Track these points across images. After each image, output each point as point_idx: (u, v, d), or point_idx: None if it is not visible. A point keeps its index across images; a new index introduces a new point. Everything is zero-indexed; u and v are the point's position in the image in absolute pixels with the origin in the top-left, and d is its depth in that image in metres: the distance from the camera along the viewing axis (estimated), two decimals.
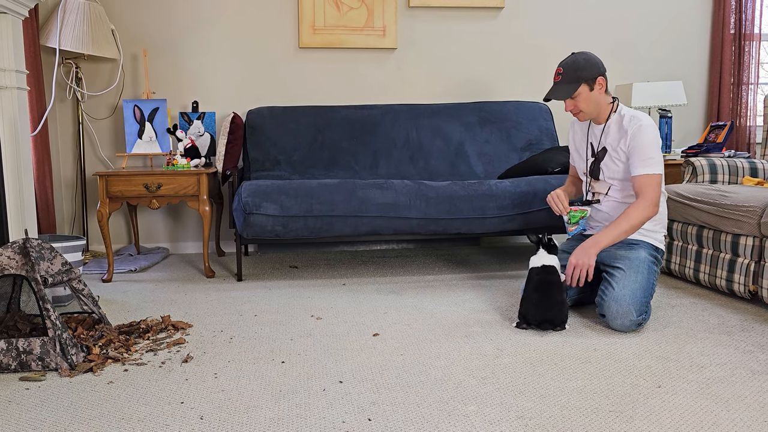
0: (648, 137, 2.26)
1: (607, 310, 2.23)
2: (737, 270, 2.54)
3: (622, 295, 2.21)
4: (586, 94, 2.33)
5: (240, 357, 1.99)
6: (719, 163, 3.15)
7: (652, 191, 2.25)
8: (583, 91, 2.33)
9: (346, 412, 1.58)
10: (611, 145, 2.37)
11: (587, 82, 2.32)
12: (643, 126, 2.27)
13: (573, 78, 2.32)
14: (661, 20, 4.10)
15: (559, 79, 2.36)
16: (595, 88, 2.34)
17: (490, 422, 1.52)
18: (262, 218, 2.83)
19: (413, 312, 2.48)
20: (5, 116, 2.54)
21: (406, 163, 3.59)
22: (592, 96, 2.34)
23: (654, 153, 2.26)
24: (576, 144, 2.58)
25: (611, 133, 2.38)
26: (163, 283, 3.03)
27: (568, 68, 2.34)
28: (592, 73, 2.32)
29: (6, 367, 1.87)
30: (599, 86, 2.34)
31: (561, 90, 2.35)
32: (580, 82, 2.32)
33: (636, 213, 2.24)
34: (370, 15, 3.79)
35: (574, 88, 2.32)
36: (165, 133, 3.44)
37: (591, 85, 2.33)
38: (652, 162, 2.25)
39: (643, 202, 2.25)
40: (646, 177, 2.26)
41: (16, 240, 2.00)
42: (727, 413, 1.57)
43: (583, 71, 2.32)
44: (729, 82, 4.07)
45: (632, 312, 2.17)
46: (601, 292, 2.30)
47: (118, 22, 3.65)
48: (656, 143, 2.27)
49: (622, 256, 2.34)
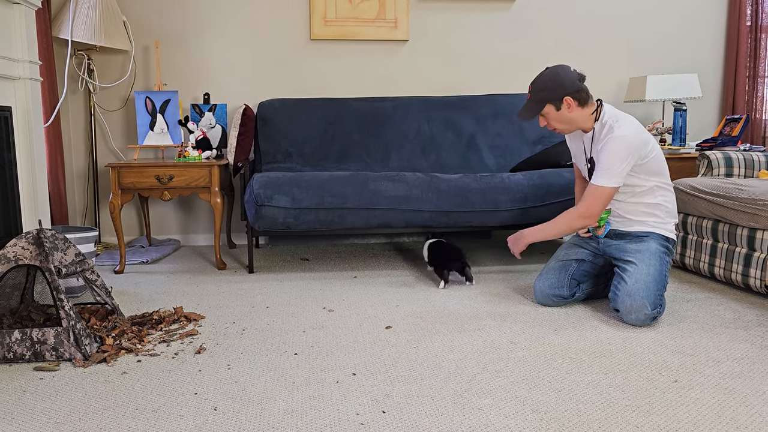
0: (614, 147, 2.18)
1: (621, 305, 2.21)
2: (753, 264, 2.51)
3: (635, 289, 2.19)
4: (554, 113, 2.28)
5: (253, 348, 1.99)
6: (735, 157, 3.12)
7: (592, 202, 2.23)
8: (550, 110, 2.27)
9: (359, 405, 1.58)
10: (596, 153, 2.30)
11: (552, 103, 2.26)
12: (613, 137, 2.19)
13: (537, 98, 2.27)
14: (675, 12, 4.06)
15: (528, 96, 2.32)
16: (563, 107, 2.26)
17: (504, 415, 1.51)
18: (273, 210, 2.82)
19: (425, 305, 2.47)
20: (19, 107, 2.54)
21: (417, 156, 3.57)
22: (561, 115, 2.27)
23: (611, 164, 2.18)
24: (574, 149, 2.52)
25: (595, 142, 2.32)
26: (174, 274, 3.03)
27: (534, 87, 2.28)
28: (557, 94, 2.24)
29: (20, 357, 1.88)
30: (567, 106, 2.25)
31: (526, 110, 2.30)
32: (544, 103, 2.26)
33: (564, 218, 2.30)
34: (381, 7, 3.76)
35: (537, 109, 2.28)
36: (176, 124, 3.44)
37: (557, 105, 2.26)
38: (607, 173, 2.19)
39: (576, 210, 2.27)
40: (593, 186, 2.23)
41: (30, 231, 2.01)
42: (746, 408, 1.55)
43: (545, 92, 2.25)
44: (744, 74, 4.02)
45: (646, 306, 2.15)
46: (614, 287, 2.27)
47: (129, 14, 3.65)
48: (619, 155, 2.17)
49: (632, 249, 2.32)
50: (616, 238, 2.39)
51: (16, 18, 2.51)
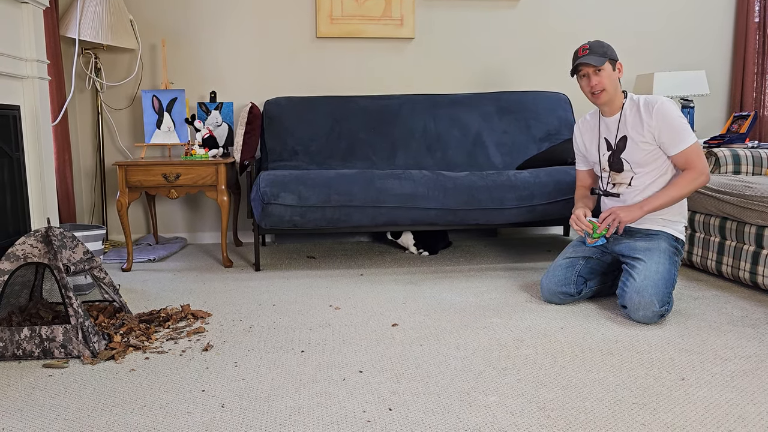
0: (672, 113, 2.26)
1: (629, 302, 2.20)
2: (761, 262, 2.50)
3: (643, 286, 2.18)
4: (610, 71, 2.33)
5: (259, 346, 2.00)
6: (743, 154, 3.10)
7: (699, 160, 2.25)
8: (608, 68, 2.33)
9: (366, 402, 1.58)
10: (632, 130, 2.33)
11: (611, 62, 2.34)
12: (663, 103, 2.27)
13: (600, 53, 2.33)
14: (683, 8, 4.04)
15: (586, 52, 2.35)
16: (616, 69, 2.36)
17: (511, 413, 1.51)
18: (280, 208, 2.83)
19: (432, 302, 2.47)
20: (27, 106, 2.56)
21: (423, 154, 3.57)
22: (613, 76, 2.34)
23: (685, 125, 2.26)
24: (585, 144, 2.53)
25: (629, 120, 2.34)
26: (181, 272, 3.05)
27: (595, 44, 2.34)
28: (615, 56, 2.36)
29: (29, 354, 1.89)
30: (618, 71, 2.36)
31: (592, 59, 2.33)
32: (606, 57, 2.33)
33: (686, 181, 2.25)
34: (387, 4, 3.76)
35: (603, 60, 2.32)
36: (183, 123, 3.45)
37: (614, 66, 2.34)
38: (687, 134, 2.25)
39: (693, 171, 2.25)
40: (688, 150, 2.25)
41: (39, 228, 2.02)
42: (753, 406, 1.54)
43: (608, 50, 2.35)
44: (753, 71, 4.00)
45: (654, 303, 2.15)
46: (622, 284, 2.27)
47: (136, 13, 3.66)
48: (681, 116, 2.27)
49: (641, 247, 2.31)
50: (626, 236, 2.39)
51: (24, 17, 2.52)
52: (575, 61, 2.36)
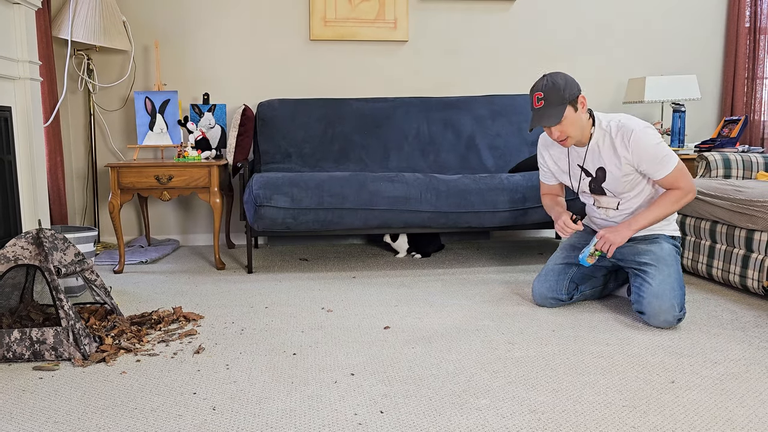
0: (649, 142, 2.15)
1: (647, 307, 2.17)
2: (751, 266, 2.52)
3: (662, 290, 2.16)
4: (572, 116, 2.17)
5: (251, 348, 2.00)
6: (733, 158, 3.12)
7: (684, 180, 2.17)
8: (569, 113, 2.16)
9: (357, 405, 1.58)
10: (609, 164, 2.24)
11: (571, 104, 2.16)
12: (636, 134, 2.15)
13: (557, 100, 2.14)
14: (674, 13, 4.06)
15: (541, 105, 2.17)
16: (578, 108, 2.18)
17: (502, 416, 1.52)
18: (273, 210, 2.83)
19: (424, 305, 2.47)
20: (18, 107, 2.55)
21: (416, 157, 3.58)
22: (577, 117, 2.18)
23: (664, 150, 2.16)
24: (558, 167, 2.44)
25: (603, 152, 2.24)
26: (174, 274, 3.04)
27: (549, 91, 2.15)
28: (574, 93, 2.16)
29: (20, 357, 1.88)
30: (581, 105, 2.19)
31: (548, 115, 2.15)
32: (565, 104, 2.14)
33: (672, 200, 2.18)
34: (381, 7, 3.77)
35: (561, 111, 2.14)
36: (176, 125, 3.44)
37: (575, 106, 2.17)
38: (667, 159, 2.16)
39: (679, 192, 2.18)
40: (671, 174, 2.17)
41: (30, 230, 2.01)
42: (742, 409, 1.56)
43: (565, 91, 2.14)
44: (743, 76, 4.03)
45: (675, 307, 2.14)
46: (637, 289, 2.24)
47: (129, 14, 3.65)
48: (658, 140, 2.16)
49: (645, 250, 2.28)
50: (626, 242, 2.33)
51: (16, 18, 2.51)
52: (532, 120, 2.19)
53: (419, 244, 3.44)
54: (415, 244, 3.44)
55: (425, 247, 3.45)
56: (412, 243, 3.44)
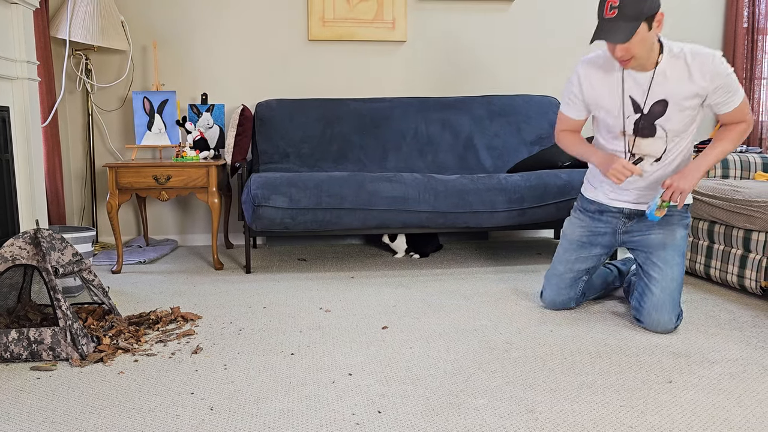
0: (727, 68, 1.95)
1: (646, 318, 2.16)
2: (749, 266, 2.52)
3: (662, 302, 2.13)
4: (644, 34, 1.85)
5: (249, 349, 1.99)
6: (731, 158, 3.13)
7: (749, 111, 2.03)
8: (642, 30, 1.85)
9: (355, 405, 1.58)
10: (676, 92, 1.99)
11: (647, 20, 1.85)
12: (716, 59, 1.93)
13: (634, 13, 1.82)
14: (673, 13, 4.07)
15: (613, 14, 1.84)
16: (654, 26, 1.88)
17: (500, 416, 1.52)
18: (271, 210, 2.83)
19: (422, 305, 2.47)
20: (16, 107, 2.54)
21: (415, 157, 3.58)
22: (649, 37, 1.87)
23: (736, 80, 1.99)
24: (597, 100, 2.12)
25: (671, 79, 1.97)
26: (172, 274, 3.04)
27: (624, 2, 1.83)
28: (654, 8, 1.84)
29: (17, 357, 1.88)
30: (657, 24, 1.88)
31: (619, 29, 1.83)
32: (641, 19, 1.83)
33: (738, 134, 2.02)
34: (379, 7, 3.77)
35: (634, 27, 1.83)
36: (174, 125, 3.44)
37: (650, 23, 1.86)
38: (739, 89, 1.99)
39: (744, 123, 2.02)
40: (740, 105, 2.00)
41: (28, 230, 2.01)
42: (739, 409, 1.56)
43: (646, 4, 1.82)
44: (741, 76, 4.03)
45: (672, 319, 2.14)
46: (639, 296, 2.20)
47: (127, 14, 3.65)
48: (731, 68, 1.98)
49: (656, 243, 2.18)
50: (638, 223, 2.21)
51: (14, 18, 2.51)
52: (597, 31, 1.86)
53: (417, 244, 3.44)
54: (413, 244, 3.44)
55: (423, 248, 3.45)
56: (411, 243, 3.44)
